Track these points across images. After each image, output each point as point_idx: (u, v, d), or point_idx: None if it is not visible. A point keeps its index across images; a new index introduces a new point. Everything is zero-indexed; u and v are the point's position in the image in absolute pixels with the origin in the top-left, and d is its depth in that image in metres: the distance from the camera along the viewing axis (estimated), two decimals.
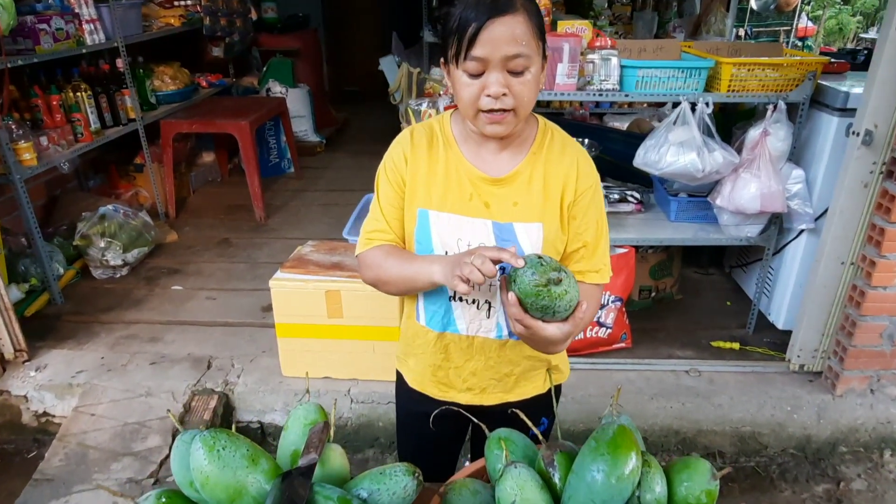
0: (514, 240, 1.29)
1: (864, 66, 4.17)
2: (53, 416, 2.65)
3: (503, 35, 1.11)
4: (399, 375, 1.60)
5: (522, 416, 1.16)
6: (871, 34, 12.31)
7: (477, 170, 1.30)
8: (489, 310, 1.35)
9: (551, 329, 1.10)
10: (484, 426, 1.17)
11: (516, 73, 1.15)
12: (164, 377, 2.71)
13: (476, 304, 1.35)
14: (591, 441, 1.00)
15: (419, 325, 1.43)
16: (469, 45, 1.13)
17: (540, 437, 1.14)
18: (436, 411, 1.37)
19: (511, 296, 1.09)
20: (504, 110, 1.17)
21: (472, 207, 1.30)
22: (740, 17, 6.24)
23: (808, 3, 12.15)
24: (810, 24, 11.95)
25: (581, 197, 1.32)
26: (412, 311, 1.45)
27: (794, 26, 9.69)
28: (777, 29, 9.79)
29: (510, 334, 1.38)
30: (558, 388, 1.57)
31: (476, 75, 1.16)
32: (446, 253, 1.30)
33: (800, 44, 9.95)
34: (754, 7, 7.68)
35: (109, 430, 2.38)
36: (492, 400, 1.48)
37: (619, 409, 1.27)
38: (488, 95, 1.15)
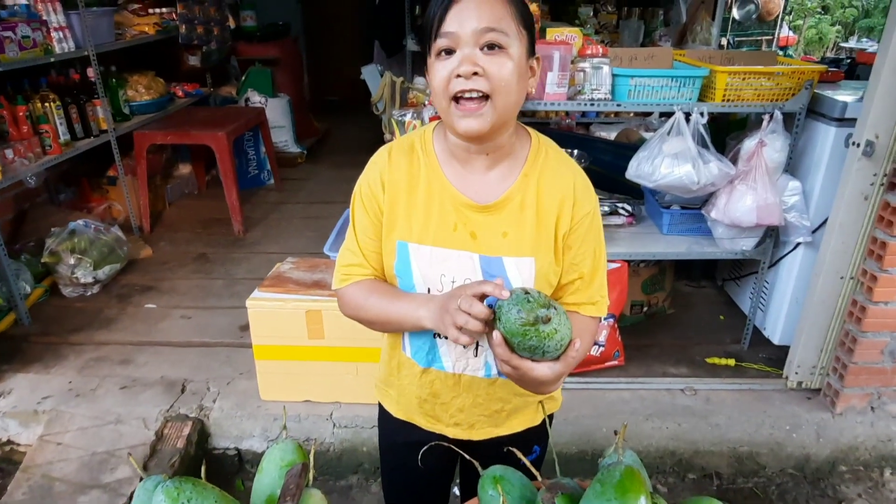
0: (503, 275, 1.17)
1: (848, 74, 4.17)
2: (18, 445, 2.50)
3: (474, 9, 1.02)
4: (381, 407, 1.49)
5: (520, 455, 1.06)
6: (851, 43, 12.45)
7: (462, 195, 1.18)
8: (476, 348, 1.25)
9: (541, 369, 1.00)
10: (477, 463, 1.08)
11: (490, 50, 1.03)
12: (136, 402, 2.56)
13: None
14: (596, 484, 0.92)
15: (405, 356, 1.32)
16: (440, 22, 1.03)
17: (537, 474, 1.04)
18: (423, 449, 1.27)
19: (496, 335, 0.98)
20: (478, 97, 1.05)
21: (457, 239, 1.18)
22: (723, 26, 6.23)
23: (789, 13, 12.27)
24: (791, 33, 12.05)
25: (578, 225, 1.20)
26: (397, 340, 1.34)
27: (776, 36, 9.74)
28: (759, 38, 9.84)
29: (500, 372, 1.27)
30: (551, 416, 1.47)
31: (447, 53, 1.05)
32: (429, 290, 1.19)
33: (781, 53, 9.99)
34: (736, 17, 7.71)
35: (76, 460, 2.23)
36: (481, 435, 1.37)
37: (623, 446, 1.19)
38: (459, 76, 1.04)
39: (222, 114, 4.94)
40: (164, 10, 5.03)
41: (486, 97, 1.05)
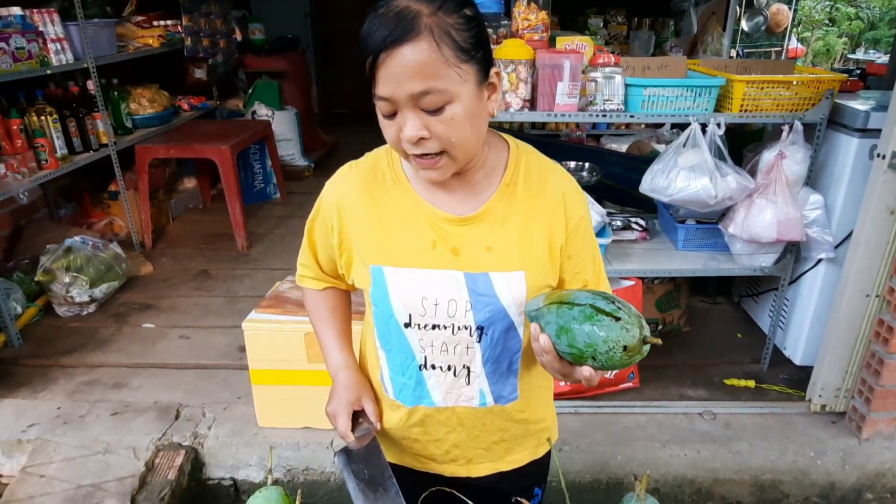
0: (491, 293, 1.06)
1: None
2: (0, 476, 2.38)
3: (403, 70, 0.88)
4: None
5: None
6: (858, 54, 12.35)
7: (437, 209, 1.08)
8: (468, 375, 1.14)
9: (586, 371, 0.90)
10: None
11: (433, 112, 0.91)
12: (126, 430, 2.44)
13: (453, 370, 1.13)
14: None
15: (388, 398, 1.22)
16: (373, 83, 0.91)
17: None
18: (423, 495, 1.16)
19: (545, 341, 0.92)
20: (431, 154, 0.95)
21: (437, 258, 1.07)
22: (732, 37, 6.15)
23: (798, 25, 12.17)
24: (799, 45, 11.95)
25: (573, 233, 1.11)
26: (376, 382, 1.25)
27: (785, 47, 9.64)
28: (768, 49, 9.74)
29: (496, 399, 1.17)
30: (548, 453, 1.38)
31: (390, 115, 0.94)
32: (409, 316, 1.09)
33: None
34: (746, 28, 7.64)
35: (60, 493, 2.10)
36: (481, 471, 1.27)
37: (644, 493, 1.08)
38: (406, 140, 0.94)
39: (227, 127, 4.86)
40: (168, 22, 4.97)
41: (441, 151, 0.96)
